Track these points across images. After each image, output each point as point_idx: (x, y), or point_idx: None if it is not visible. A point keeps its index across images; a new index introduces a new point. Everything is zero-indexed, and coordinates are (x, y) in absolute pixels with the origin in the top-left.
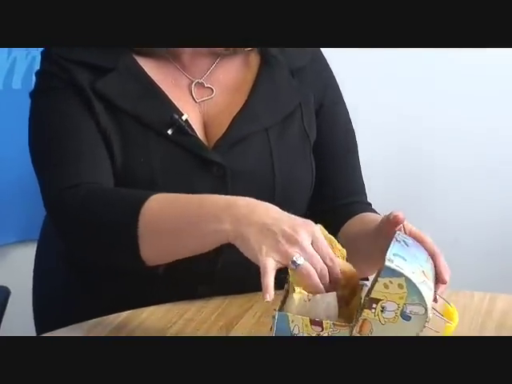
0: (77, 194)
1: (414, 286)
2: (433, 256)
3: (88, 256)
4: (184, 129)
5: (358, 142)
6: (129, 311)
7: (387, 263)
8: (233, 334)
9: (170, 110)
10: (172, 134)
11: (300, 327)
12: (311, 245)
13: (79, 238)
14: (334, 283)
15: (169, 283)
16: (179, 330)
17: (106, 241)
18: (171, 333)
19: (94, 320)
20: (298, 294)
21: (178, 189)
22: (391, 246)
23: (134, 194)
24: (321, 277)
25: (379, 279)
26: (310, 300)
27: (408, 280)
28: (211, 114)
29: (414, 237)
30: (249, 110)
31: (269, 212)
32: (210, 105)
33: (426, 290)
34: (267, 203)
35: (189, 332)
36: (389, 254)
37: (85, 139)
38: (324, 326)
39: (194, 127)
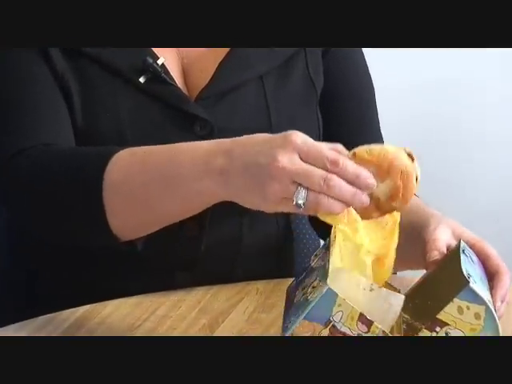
0: (27, 159)
1: (494, 320)
2: (494, 275)
3: (45, 233)
4: (160, 76)
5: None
6: (87, 305)
7: (472, 284)
8: (218, 334)
9: (142, 52)
10: (145, 82)
11: (344, 317)
12: (301, 159)
13: (33, 211)
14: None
15: (139, 269)
16: (150, 329)
17: (65, 210)
18: (140, 333)
19: (45, 316)
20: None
21: None
22: (462, 260)
23: (95, 152)
24: (338, 195)
25: (455, 300)
26: (372, 290)
27: (489, 311)
28: (192, 58)
29: (477, 251)
30: (239, 53)
31: (247, 150)
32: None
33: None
34: (246, 136)
35: (163, 332)
36: (465, 271)
37: (38, 91)
38: (372, 329)
39: (172, 74)
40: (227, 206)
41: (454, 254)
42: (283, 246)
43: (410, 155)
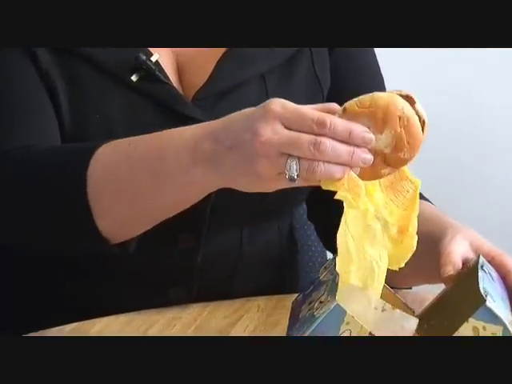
0: (10, 161)
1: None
2: None
3: (31, 240)
4: (154, 74)
5: None
6: (75, 323)
7: (489, 303)
8: None
9: (134, 49)
10: (138, 80)
11: (353, 335)
12: (285, 127)
13: (17, 215)
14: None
15: (131, 284)
16: None
17: (49, 214)
18: None
19: (30, 335)
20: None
21: None
22: (480, 277)
23: (77, 149)
24: (333, 157)
25: (470, 320)
26: (384, 310)
27: (506, 332)
28: (188, 56)
29: (497, 265)
30: (239, 51)
31: (230, 129)
32: None
33: None
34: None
35: None
36: (483, 289)
37: (23, 91)
38: None
39: (166, 72)
40: (225, 215)
41: (471, 270)
42: (286, 259)
43: (408, 97)
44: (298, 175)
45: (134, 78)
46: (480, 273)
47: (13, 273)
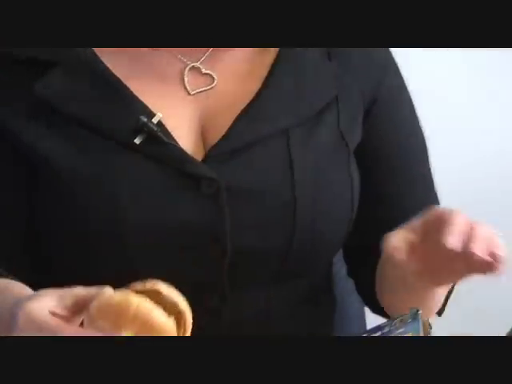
0: None
1: None
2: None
3: None
4: (156, 135)
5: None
6: None
7: None
8: None
9: (136, 111)
10: (141, 143)
11: None
12: None
13: None
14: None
15: None
16: None
17: None
18: None
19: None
20: None
21: (158, 220)
22: None
23: None
24: None
25: None
26: None
27: None
28: (211, 110)
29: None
30: (260, 104)
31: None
32: (210, 98)
33: None
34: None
35: None
36: None
37: None
38: None
39: (178, 130)
40: (246, 276)
41: None
42: (321, 317)
43: (152, 291)
44: None
45: (137, 140)
46: None
47: None
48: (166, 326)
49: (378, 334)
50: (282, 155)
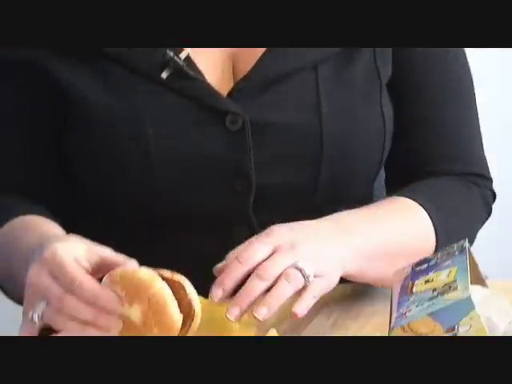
0: None
1: None
2: None
3: None
4: (182, 70)
5: None
6: None
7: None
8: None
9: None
10: (167, 77)
11: (470, 332)
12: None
13: None
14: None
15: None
16: None
17: None
18: None
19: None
20: None
21: (182, 154)
22: None
23: None
24: (73, 316)
25: None
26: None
27: None
28: (240, 48)
29: None
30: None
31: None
32: None
33: None
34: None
35: None
36: None
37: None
38: None
39: (205, 66)
40: (277, 209)
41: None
42: None
43: (177, 283)
44: (38, 316)
45: (163, 75)
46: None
47: None
48: (174, 321)
49: (425, 266)
50: (310, 90)
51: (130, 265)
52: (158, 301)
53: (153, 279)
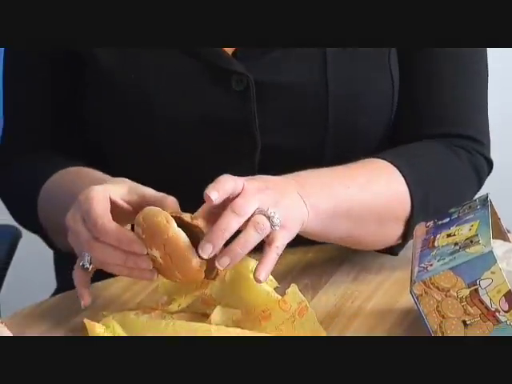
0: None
1: None
2: None
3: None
4: None
5: None
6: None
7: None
8: (321, 295)
9: None
10: None
11: (491, 286)
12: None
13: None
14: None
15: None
16: None
17: (19, 219)
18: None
19: (63, 294)
20: None
21: (186, 113)
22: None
23: (36, 177)
24: (104, 259)
25: None
26: None
27: None
28: None
29: None
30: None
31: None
32: None
33: None
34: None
35: None
36: None
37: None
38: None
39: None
40: (284, 171)
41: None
42: None
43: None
44: (89, 264)
45: None
46: None
47: None
48: (191, 267)
49: (447, 220)
50: (316, 52)
51: (168, 201)
52: (172, 247)
53: (166, 225)
